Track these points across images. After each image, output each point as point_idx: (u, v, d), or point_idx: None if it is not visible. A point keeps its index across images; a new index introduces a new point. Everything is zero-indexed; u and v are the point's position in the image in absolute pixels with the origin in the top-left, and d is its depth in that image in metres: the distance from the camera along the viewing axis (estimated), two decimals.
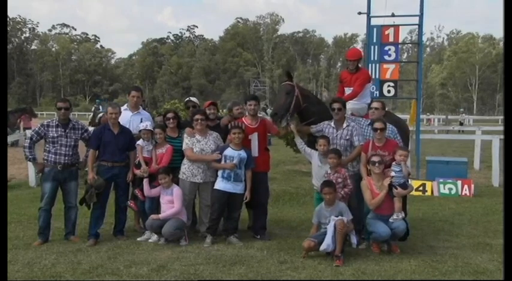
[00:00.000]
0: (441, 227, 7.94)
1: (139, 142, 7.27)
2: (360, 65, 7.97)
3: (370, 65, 11.60)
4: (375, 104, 7.25)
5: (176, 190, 7.03)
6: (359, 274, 5.71)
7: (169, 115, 7.50)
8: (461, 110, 38.57)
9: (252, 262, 6.13)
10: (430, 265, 5.96)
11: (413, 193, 10.16)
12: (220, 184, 6.99)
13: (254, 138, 7.28)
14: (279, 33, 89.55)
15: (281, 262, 6.12)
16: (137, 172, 7.20)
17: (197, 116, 7.21)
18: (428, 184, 11.28)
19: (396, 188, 6.41)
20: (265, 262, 6.13)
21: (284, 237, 7.33)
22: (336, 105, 6.90)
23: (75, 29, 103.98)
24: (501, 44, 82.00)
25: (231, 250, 6.66)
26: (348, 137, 6.89)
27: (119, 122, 7.22)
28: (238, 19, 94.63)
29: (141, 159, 7.18)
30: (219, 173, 7.03)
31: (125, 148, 7.19)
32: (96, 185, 7.00)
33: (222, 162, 6.98)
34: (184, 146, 7.21)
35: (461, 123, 34.91)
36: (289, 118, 7.07)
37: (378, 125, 6.71)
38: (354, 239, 6.38)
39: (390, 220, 6.40)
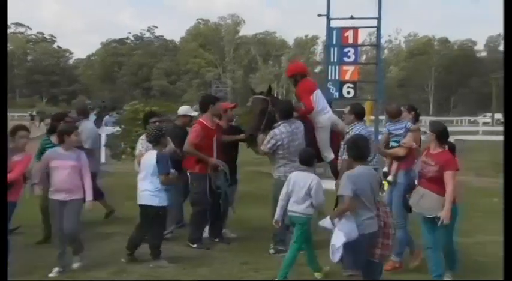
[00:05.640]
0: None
1: None
2: (300, 79, 7.41)
3: (330, 66, 11.72)
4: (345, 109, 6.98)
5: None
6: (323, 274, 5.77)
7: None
8: None
9: (214, 264, 6.13)
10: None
11: None
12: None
13: (215, 141, 7.17)
14: (240, 34, 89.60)
15: (243, 263, 6.14)
16: None
17: (154, 119, 7.23)
18: (386, 183, 11.43)
19: None
20: (227, 264, 6.14)
21: (247, 238, 7.34)
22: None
23: (31, 29, 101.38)
24: (456, 46, 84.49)
25: (194, 251, 6.64)
26: None
27: None
28: (200, 20, 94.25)
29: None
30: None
31: None
32: None
33: None
34: (137, 152, 7.11)
35: None
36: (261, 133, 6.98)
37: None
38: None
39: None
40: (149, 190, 6.06)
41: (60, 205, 5.79)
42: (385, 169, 6.49)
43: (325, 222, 4.99)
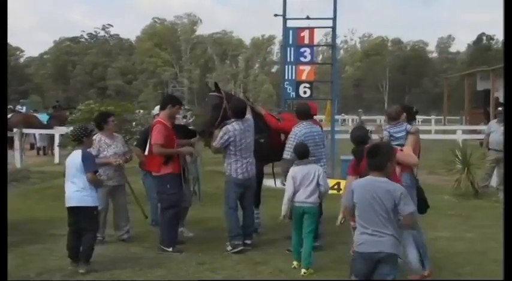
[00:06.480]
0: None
1: None
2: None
3: (286, 66, 11.81)
4: None
5: None
6: (277, 272, 5.81)
7: None
8: (360, 110, 40.06)
9: (171, 265, 6.09)
10: None
11: (329, 191, 10.43)
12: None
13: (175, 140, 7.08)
14: (197, 33, 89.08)
15: (200, 263, 6.13)
16: None
17: (112, 118, 7.17)
18: (343, 183, 11.59)
19: None
20: (184, 264, 6.11)
21: (204, 238, 7.31)
22: None
23: None
24: (408, 47, 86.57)
25: (150, 252, 6.57)
26: None
27: None
28: (155, 19, 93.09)
29: None
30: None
31: None
32: None
33: None
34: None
35: (362, 123, 36.10)
36: (213, 130, 6.96)
37: None
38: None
39: None
40: (79, 191, 5.86)
41: None
42: None
43: None
